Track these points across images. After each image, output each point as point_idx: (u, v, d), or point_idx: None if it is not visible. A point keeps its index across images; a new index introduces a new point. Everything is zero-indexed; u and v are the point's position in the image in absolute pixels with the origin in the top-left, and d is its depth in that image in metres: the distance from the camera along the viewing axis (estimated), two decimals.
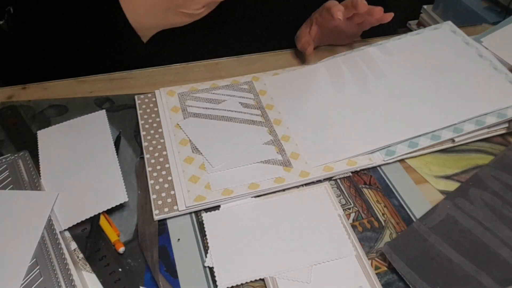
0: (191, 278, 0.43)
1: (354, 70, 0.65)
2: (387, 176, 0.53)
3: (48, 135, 0.56)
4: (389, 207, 0.50)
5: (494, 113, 0.57)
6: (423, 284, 0.42)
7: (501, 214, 0.48)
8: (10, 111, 0.61)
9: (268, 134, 0.57)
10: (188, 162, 0.53)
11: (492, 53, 0.65)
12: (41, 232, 0.45)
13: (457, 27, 0.69)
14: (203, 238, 0.47)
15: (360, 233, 0.47)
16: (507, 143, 0.57)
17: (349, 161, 0.53)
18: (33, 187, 0.50)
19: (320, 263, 0.44)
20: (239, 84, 0.64)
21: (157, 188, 0.50)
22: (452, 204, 0.49)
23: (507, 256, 0.44)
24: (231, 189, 0.50)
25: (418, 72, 0.63)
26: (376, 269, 0.44)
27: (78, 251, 0.45)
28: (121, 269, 0.44)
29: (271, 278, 0.43)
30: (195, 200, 0.48)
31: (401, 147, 0.55)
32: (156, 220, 0.48)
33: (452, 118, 0.56)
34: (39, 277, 0.42)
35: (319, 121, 0.58)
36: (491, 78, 0.61)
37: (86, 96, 0.63)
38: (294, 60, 0.70)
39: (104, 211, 0.47)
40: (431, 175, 0.53)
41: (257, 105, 0.61)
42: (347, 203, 0.50)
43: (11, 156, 0.53)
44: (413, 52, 0.67)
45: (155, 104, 0.61)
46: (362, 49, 0.68)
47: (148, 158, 0.53)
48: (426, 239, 0.45)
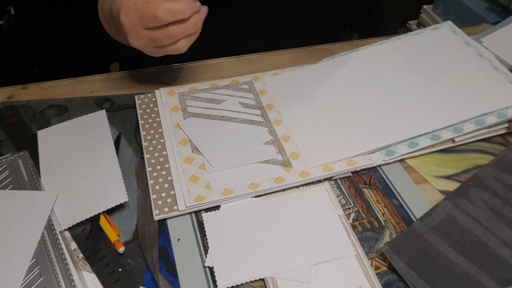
0: (191, 278, 0.43)
1: (354, 70, 0.65)
2: (387, 176, 0.53)
3: (48, 135, 0.56)
4: (389, 207, 0.50)
5: (494, 113, 0.57)
6: (423, 284, 0.42)
7: (501, 214, 0.48)
8: (10, 111, 0.61)
9: (268, 134, 0.57)
10: (188, 162, 0.53)
11: (492, 53, 0.65)
12: (41, 232, 0.45)
13: (457, 27, 0.69)
14: (203, 238, 0.47)
15: (360, 233, 0.47)
16: (507, 143, 0.57)
17: (349, 161, 0.53)
18: (33, 187, 0.50)
19: (320, 263, 0.44)
20: (239, 84, 0.64)
21: (157, 188, 0.50)
22: (452, 204, 0.49)
23: (507, 256, 0.44)
24: (231, 189, 0.50)
25: (418, 72, 0.63)
26: (376, 269, 0.44)
27: (78, 251, 0.45)
28: (121, 269, 0.44)
29: (271, 278, 0.43)
30: (195, 200, 0.48)
31: (401, 147, 0.55)
32: (156, 220, 0.48)
33: (452, 118, 0.56)
34: (39, 277, 0.42)
35: (319, 121, 0.58)
36: (491, 78, 0.61)
37: (86, 96, 0.63)
38: (294, 60, 0.70)
39: (104, 211, 0.48)
40: (431, 175, 0.53)
41: (257, 105, 0.61)
42: (347, 203, 0.50)
43: (11, 156, 0.53)
44: (413, 52, 0.67)
45: (155, 104, 0.61)
46: (362, 49, 0.68)
47: (148, 158, 0.53)
48: (426, 239, 0.45)
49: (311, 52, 0.71)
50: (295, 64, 0.68)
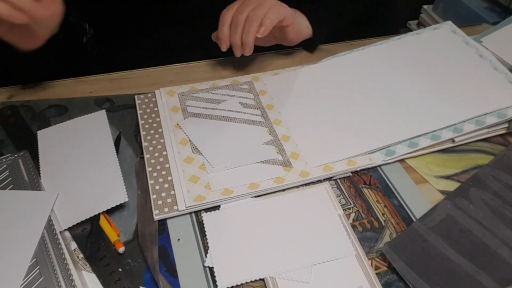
0: (191, 278, 0.43)
1: (354, 70, 0.65)
2: (387, 176, 0.53)
3: (48, 135, 0.56)
4: (389, 207, 0.50)
5: (494, 113, 0.57)
6: (423, 284, 0.42)
7: (501, 214, 0.48)
8: (10, 111, 0.61)
9: (268, 134, 0.57)
10: (188, 162, 0.53)
11: (492, 53, 0.65)
12: (41, 232, 0.45)
13: (457, 27, 0.69)
14: (203, 238, 0.47)
15: (360, 233, 0.47)
16: (507, 143, 0.57)
17: (349, 161, 0.53)
18: (33, 187, 0.50)
19: (320, 263, 0.44)
20: (239, 84, 0.64)
21: (157, 188, 0.50)
22: (452, 204, 0.49)
23: (507, 256, 0.44)
24: (231, 189, 0.50)
25: (418, 72, 0.63)
26: (376, 269, 0.44)
27: (78, 251, 0.45)
28: (121, 269, 0.44)
29: (271, 278, 0.43)
30: (195, 200, 0.48)
31: (401, 147, 0.55)
32: (156, 220, 0.48)
33: (452, 118, 0.56)
34: (39, 277, 0.42)
35: (319, 121, 0.58)
36: (491, 78, 0.61)
37: (86, 96, 0.63)
38: (294, 60, 0.70)
39: (104, 211, 0.48)
40: (431, 175, 0.53)
41: (257, 105, 0.61)
42: (347, 203, 0.50)
43: (11, 156, 0.53)
44: (413, 52, 0.67)
45: (155, 104, 0.61)
46: (362, 49, 0.68)
47: (148, 158, 0.53)
48: (426, 239, 0.45)
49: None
50: (295, 64, 0.68)
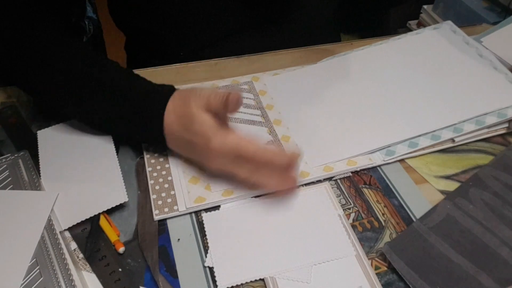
0: (191, 278, 0.43)
1: (354, 70, 0.65)
2: (387, 176, 0.53)
3: (48, 135, 0.56)
4: (389, 207, 0.50)
5: (494, 113, 0.57)
6: (423, 284, 0.42)
7: (501, 214, 0.48)
8: (10, 111, 0.61)
9: (268, 134, 0.57)
10: (189, 163, 0.53)
11: (492, 53, 0.65)
12: (41, 232, 0.45)
13: (457, 27, 0.69)
14: (203, 238, 0.47)
15: (360, 233, 0.47)
16: (507, 143, 0.57)
17: (349, 161, 0.53)
18: (33, 187, 0.50)
19: (320, 263, 0.44)
20: (239, 84, 0.64)
21: (157, 188, 0.50)
22: (452, 204, 0.49)
23: (507, 256, 0.44)
24: (231, 190, 0.50)
25: (418, 72, 0.63)
26: (376, 269, 0.44)
27: (78, 251, 0.45)
28: (121, 269, 0.44)
29: (271, 278, 0.43)
30: (195, 201, 0.48)
31: (401, 147, 0.55)
32: (156, 220, 0.48)
33: (452, 118, 0.56)
34: (39, 277, 0.42)
35: (319, 121, 0.58)
36: (491, 78, 0.61)
37: None
38: (294, 60, 0.69)
39: (104, 211, 0.47)
40: (431, 175, 0.53)
41: (257, 105, 0.61)
42: (347, 203, 0.50)
43: (11, 156, 0.53)
44: (413, 52, 0.67)
45: None
46: (362, 49, 0.68)
47: (148, 158, 0.53)
48: (426, 239, 0.45)
49: (311, 52, 0.71)
50: (295, 64, 0.68)
